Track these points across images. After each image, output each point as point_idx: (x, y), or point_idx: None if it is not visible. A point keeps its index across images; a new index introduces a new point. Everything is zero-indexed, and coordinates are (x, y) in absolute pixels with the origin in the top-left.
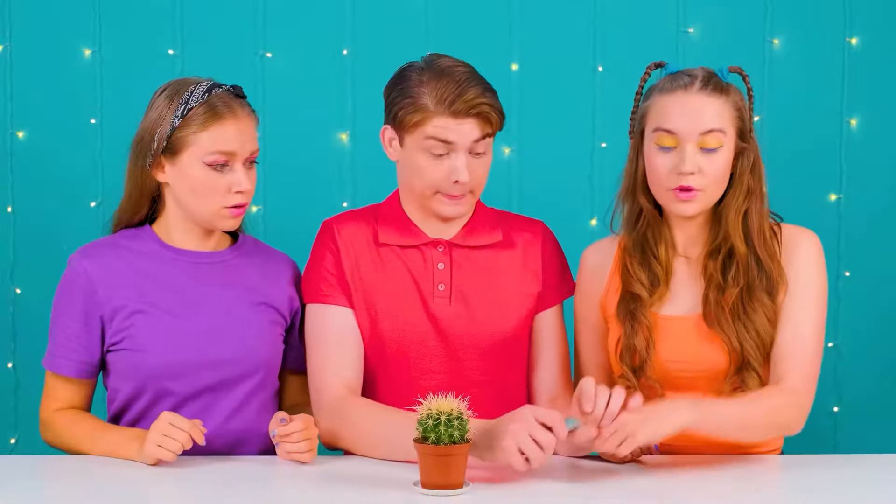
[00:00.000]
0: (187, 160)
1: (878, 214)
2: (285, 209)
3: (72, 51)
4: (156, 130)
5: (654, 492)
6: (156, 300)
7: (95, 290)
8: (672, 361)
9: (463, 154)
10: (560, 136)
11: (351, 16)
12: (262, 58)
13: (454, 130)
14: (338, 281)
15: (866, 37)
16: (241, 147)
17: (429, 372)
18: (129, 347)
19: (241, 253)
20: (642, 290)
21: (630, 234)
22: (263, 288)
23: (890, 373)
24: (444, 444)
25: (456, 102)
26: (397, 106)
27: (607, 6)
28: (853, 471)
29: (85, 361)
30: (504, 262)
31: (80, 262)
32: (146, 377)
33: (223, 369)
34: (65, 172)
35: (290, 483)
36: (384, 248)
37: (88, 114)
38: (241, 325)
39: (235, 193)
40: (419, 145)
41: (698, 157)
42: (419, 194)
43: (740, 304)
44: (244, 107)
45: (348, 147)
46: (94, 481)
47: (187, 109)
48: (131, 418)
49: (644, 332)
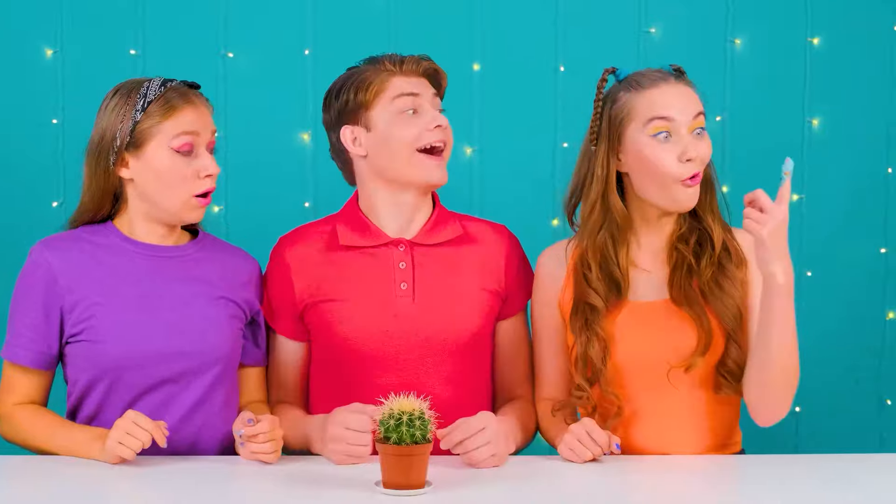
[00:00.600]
0: (153, 150)
1: (840, 214)
2: (247, 208)
3: (34, 50)
4: (116, 129)
5: (617, 492)
6: (116, 292)
7: (56, 281)
8: (639, 350)
9: (430, 106)
10: (522, 136)
11: (312, 16)
12: (223, 58)
13: (415, 86)
14: (279, 307)
15: (828, 37)
16: (204, 129)
17: (393, 371)
18: (88, 339)
19: (201, 248)
20: (599, 301)
21: (592, 243)
22: (223, 283)
23: (852, 373)
24: (405, 444)
25: (405, 64)
26: (350, 95)
27: (569, 6)
28: (815, 470)
29: (43, 352)
30: (465, 256)
31: (41, 253)
32: (105, 368)
33: (182, 362)
34: (27, 172)
35: (252, 483)
36: (344, 252)
37: (50, 114)
38: (200, 319)
39: (204, 178)
40: (388, 111)
41: (694, 142)
42: (400, 166)
43: (714, 282)
44: (199, 96)
45: (310, 147)
46: (54, 481)
47: (147, 103)
48: (89, 412)
49: (599, 344)
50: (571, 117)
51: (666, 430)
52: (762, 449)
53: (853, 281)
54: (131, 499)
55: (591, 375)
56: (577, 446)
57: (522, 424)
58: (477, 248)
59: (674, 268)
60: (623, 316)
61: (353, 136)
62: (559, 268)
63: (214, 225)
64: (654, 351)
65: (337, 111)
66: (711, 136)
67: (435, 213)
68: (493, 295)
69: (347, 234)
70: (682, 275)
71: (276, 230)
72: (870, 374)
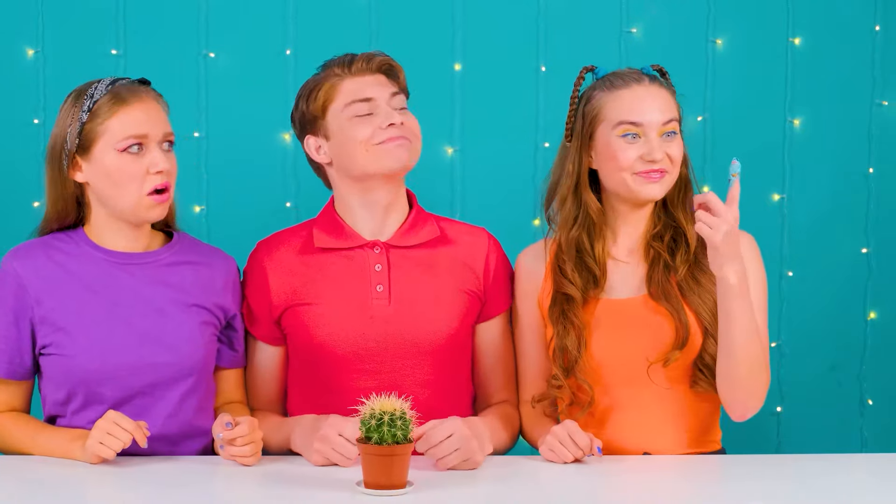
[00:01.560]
0: (100, 151)
1: (821, 214)
2: (228, 209)
3: (15, 51)
4: (66, 132)
5: (598, 493)
6: (86, 303)
7: (26, 292)
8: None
9: (385, 106)
10: (503, 136)
11: (294, 16)
12: (204, 58)
13: (367, 87)
14: (256, 312)
15: (809, 37)
16: (153, 128)
17: (370, 373)
18: (58, 353)
19: (175, 252)
20: (575, 291)
21: (566, 236)
22: (196, 289)
23: (833, 373)
24: (387, 444)
25: (353, 65)
26: (305, 105)
27: (551, 6)
28: (796, 470)
29: (15, 362)
30: (442, 257)
31: (10, 262)
32: (76, 382)
33: (155, 373)
34: (7, 172)
35: (233, 483)
36: (320, 255)
37: (31, 114)
38: (172, 328)
39: (155, 174)
40: (342, 118)
41: (663, 145)
42: (362, 166)
43: (691, 277)
44: (149, 92)
45: (291, 147)
46: (34, 481)
47: (93, 103)
48: (64, 423)
49: (575, 333)
50: (553, 117)
51: (644, 427)
52: (744, 449)
53: (835, 281)
54: (111, 498)
55: (567, 365)
56: (559, 447)
57: (503, 427)
58: (454, 250)
59: (650, 264)
60: (601, 311)
61: (316, 145)
62: (538, 265)
63: (196, 225)
64: (632, 347)
65: (299, 121)
66: (693, 137)
67: (412, 214)
68: (471, 296)
69: (323, 237)
70: (660, 270)
71: (258, 230)
72: (851, 374)
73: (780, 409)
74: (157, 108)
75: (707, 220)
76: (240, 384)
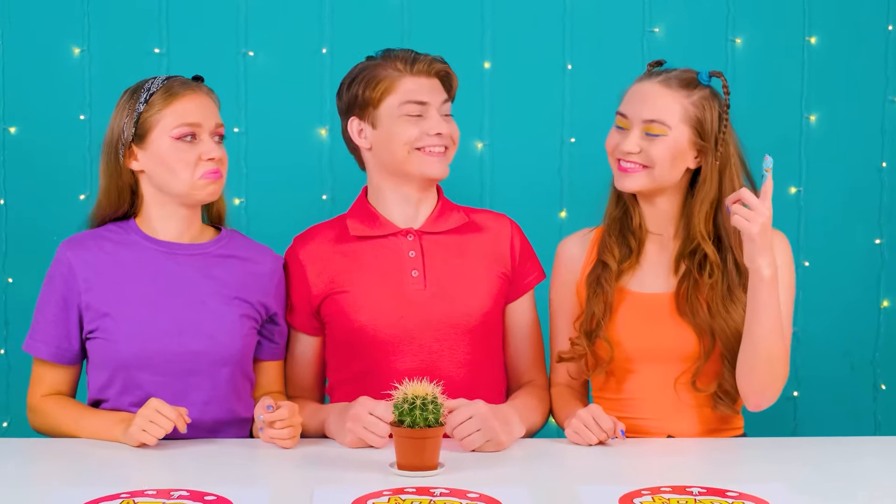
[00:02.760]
0: (156, 139)
1: (837, 206)
2: (267, 201)
3: (61, 49)
4: (122, 124)
5: (622, 474)
6: (131, 291)
7: (75, 280)
8: (641, 338)
9: (436, 112)
10: (531, 132)
11: (329, 16)
12: (244, 56)
13: (423, 90)
14: (296, 304)
15: (825, 36)
16: (205, 119)
17: (410, 355)
18: (102, 337)
19: (222, 246)
20: (612, 261)
21: (612, 213)
22: (239, 284)
23: (848, 359)
24: (419, 427)
25: (416, 64)
26: (359, 89)
27: (576, 7)
28: (812, 452)
29: (62, 347)
30: (471, 242)
31: (64, 252)
32: (116, 366)
33: (191, 360)
34: (55, 166)
35: (272, 463)
36: (355, 243)
37: (77, 110)
38: (211, 318)
39: (207, 161)
40: (393, 114)
41: (642, 140)
42: (400, 164)
43: (720, 301)
44: (202, 87)
45: (327, 141)
46: (82, 462)
47: (149, 95)
48: (108, 408)
49: (604, 298)
50: (578, 113)
51: (668, 411)
52: (761, 432)
53: (849, 271)
54: (154, 479)
55: (591, 329)
56: (583, 430)
57: (534, 407)
58: (482, 235)
59: (680, 279)
60: (629, 302)
61: (359, 128)
62: (580, 252)
63: (235, 216)
64: (657, 337)
65: (347, 102)
66: None
67: (439, 203)
68: (501, 278)
69: (357, 226)
70: (690, 285)
71: (295, 222)
72: (865, 360)
73: (796, 393)
74: (210, 102)
75: (743, 213)
76: (279, 376)
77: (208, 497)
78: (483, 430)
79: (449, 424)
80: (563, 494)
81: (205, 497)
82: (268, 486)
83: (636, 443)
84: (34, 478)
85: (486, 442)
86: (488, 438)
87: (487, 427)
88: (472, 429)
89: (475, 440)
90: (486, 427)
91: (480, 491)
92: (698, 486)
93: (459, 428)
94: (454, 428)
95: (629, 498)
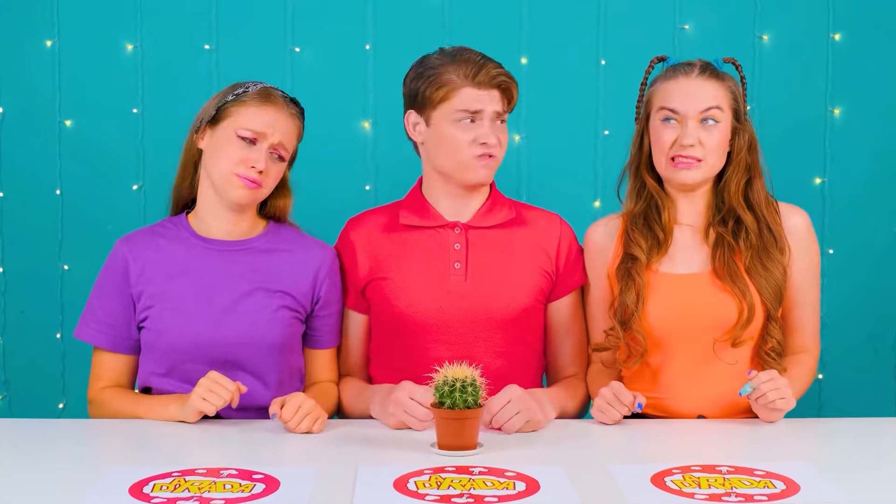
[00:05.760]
0: (225, 128)
1: (859, 196)
2: (312, 191)
3: (115, 46)
4: (210, 106)
5: (654, 453)
6: (177, 283)
7: (128, 272)
8: (678, 317)
9: (488, 121)
10: (566, 125)
11: (373, 13)
12: (290, 52)
13: (480, 100)
14: (348, 281)
15: (849, 33)
16: (271, 131)
17: (447, 343)
18: (150, 327)
19: (267, 241)
20: (640, 253)
21: (631, 209)
22: (284, 277)
23: (869, 343)
24: (458, 409)
25: (479, 75)
26: (422, 87)
27: (610, 5)
28: (837, 432)
29: (120, 336)
30: (517, 238)
31: (120, 246)
32: (161, 355)
33: (232, 351)
34: (109, 158)
35: (317, 444)
36: (403, 232)
37: (131, 104)
38: (252, 310)
39: (250, 168)
40: (447, 118)
41: (698, 132)
42: (447, 165)
43: (758, 260)
44: (290, 105)
45: (370, 135)
46: (135, 441)
47: (244, 91)
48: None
49: (636, 289)
50: (612, 107)
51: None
52: (787, 414)
53: (871, 257)
54: (204, 456)
55: (625, 319)
56: (607, 408)
57: (569, 395)
58: (529, 231)
59: (714, 245)
60: (663, 283)
61: (415, 121)
62: (608, 239)
63: None
64: (691, 319)
65: (409, 94)
66: None
67: (490, 197)
68: (544, 276)
69: (408, 216)
70: (725, 251)
71: (339, 211)
72: (887, 344)
73: (821, 376)
74: (288, 122)
75: (781, 404)
76: (330, 364)
77: (256, 475)
78: (522, 412)
79: (488, 412)
80: (597, 473)
81: (253, 476)
82: (313, 465)
83: (667, 423)
84: (88, 457)
85: (525, 423)
86: (528, 419)
87: (526, 408)
88: (512, 412)
89: (516, 422)
90: (524, 408)
91: (518, 470)
92: (727, 465)
93: (500, 414)
94: (493, 415)
95: (661, 476)
